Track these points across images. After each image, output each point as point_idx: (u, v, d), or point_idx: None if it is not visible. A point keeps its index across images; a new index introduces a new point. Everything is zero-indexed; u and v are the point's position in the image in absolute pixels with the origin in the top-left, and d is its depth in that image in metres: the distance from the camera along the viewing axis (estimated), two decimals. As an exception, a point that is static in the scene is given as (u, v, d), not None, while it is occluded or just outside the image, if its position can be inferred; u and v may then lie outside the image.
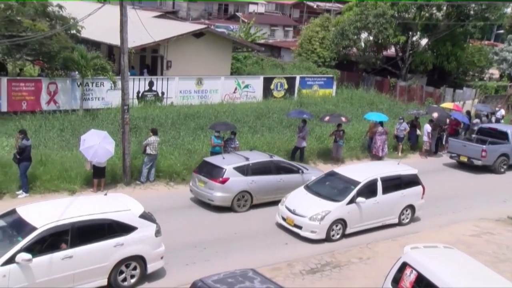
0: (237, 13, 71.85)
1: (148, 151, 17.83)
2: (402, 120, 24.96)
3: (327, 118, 22.86)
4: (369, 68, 38.60)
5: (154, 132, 18.19)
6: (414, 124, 25.65)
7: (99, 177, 16.96)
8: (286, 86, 33.72)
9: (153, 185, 18.09)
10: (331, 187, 15.75)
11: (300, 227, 14.71)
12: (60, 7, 25.18)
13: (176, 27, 34.02)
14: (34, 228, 10.11)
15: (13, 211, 10.91)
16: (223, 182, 16.13)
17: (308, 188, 15.85)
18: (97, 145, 16.24)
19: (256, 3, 79.22)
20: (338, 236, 15.00)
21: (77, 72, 25.45)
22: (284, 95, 33.50)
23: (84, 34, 27.15)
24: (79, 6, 29.67)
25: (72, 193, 16.38)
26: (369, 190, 15.40)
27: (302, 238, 14.75)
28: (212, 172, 16.44)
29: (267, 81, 32.98)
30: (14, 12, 23.24)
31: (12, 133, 20.37)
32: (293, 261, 13.37)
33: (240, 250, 13.96)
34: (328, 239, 14.78)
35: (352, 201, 15.01)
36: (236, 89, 31.46)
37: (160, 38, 28.56)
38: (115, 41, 22.73)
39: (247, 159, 16.93)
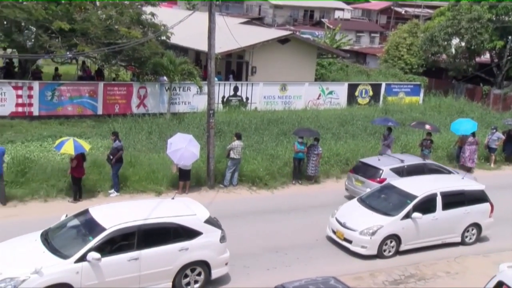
0: (322, 20, 71.53)
1: (232, 155, 18.08)
2: (494, 130, 23.63)
3: (413, 123, 22.97)
4: (460, 75, 36.90)
5: (238, 137, 18.42)
6: (511, 135, 24.21)
7: (185, 180, 17.40)
8: (371, 93, 33.07)
9: (236, 189, 18.32)
10: (386, 201, 14.89)
11: (350, 241, 14.00)
12: (153, 15, 26.26)
13: (261, 33, 34.41)
14: (103, 229, 10.41)
15: (86, 211, 11.26)
16: (381, 182, 16.63)
17: (362, 200, 15.20)
18: (183, 149, 16.65)
19: (342, 9, 78.50)
20: (391, 253, 14.13)
21: (165, 77, 26.37)
22: (368, 102, 32.88)
23: (173, 40, 28.10)
24: (169, 13, 30.82)
25: (158, 194, 16.92)
26: (427, 205, 14.42)
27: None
28: (369, 172, 17.59)
29: (352, 88, 32.51)
30: (113, 21, 24.52)
31: (106, 134, 21.42)
32: (376, 271, 13.02)
33: (321, 257, 13.79)
34: (380, 255, 13.95)
35: (407, 216, 14.08)
36: (320, 95, 31.26)
37: (245, 44, 28.99)
38: (202, 47, 23.33)
39: (402, 161, 17.89)
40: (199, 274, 11.37)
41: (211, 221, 11.65)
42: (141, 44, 23.60)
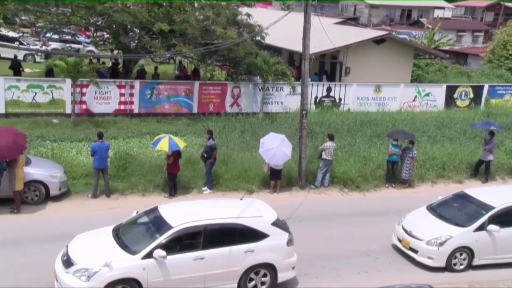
0: (420, 19, 69.05)
1: (324, 156, 17.93)
2: None
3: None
4: None
5: (331, 138, 18.23)
6: None
7: (276, 179, 17.49)
8: (471, 95, 31.40)
9: (327, 190, 18.15)
10: (458, 210, 13.94)
11: (415, 251, 13.26)
12: (248, 15, 26.65)
13: (356, 33, 33.85)
14: (170, 227, 10.50)
15: (155, 209, 11.39)
16: None
17: (431, 209, 14.30)
18: (275, 148, 16.73)
19: (443, 8, 75.21)
20: (462, 267, 13.18)
21: (258, 77, 26.65)
22: (468, 105, 31.23)
23: (267, 40, 28.35)
24: (264, 14, 31.12)
25: (250, 193, 17.09)
26: (506, 218, 13.24)
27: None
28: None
29: (450, 90, 31.04)
30: (210, 22, 25.22)
31: (200, 133, 22.04)
32: (476, 283, 12.34)
33: (416, 264, 13.29)
34: (449, 268, 13.07)
35: (481, 228, 13.08)
36: (416, 97, 30.16)
37: (340, 45, 28.64)
38: (296, 47, 23.35)
39: None
40: (265, 276, 11.21)
41: (278, 224, 11.47)
42: (236, 44, 24.02)
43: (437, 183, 19.21)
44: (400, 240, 13.82)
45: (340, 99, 28.70)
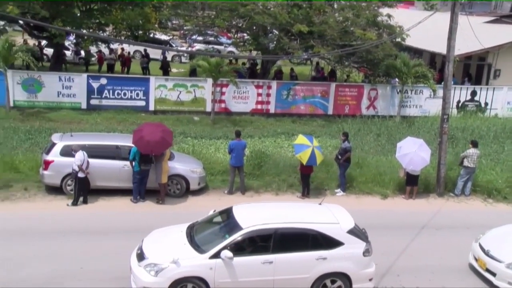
0: None
1: (466, 163, 16.88)
2: None
3: None
4: None
5: (474, 144, 17.11)
6: None
7: (412, 185, 16.83)
8: None
9: (467, 200, 17.06)
10: None
11: (493, 274, 11.56)
12: (389, 16, 25.98)
13: (510, 32, 31.33)
14: (240, 228, 10.25)
15: (230, 209, 11.15)
16: None
17: None
18: (413, 153, 16.11)
19: None
20: None
21: (397, 79, 25.86)
22: None
23: (408, 41, 27.38)
24: (405, 14, 30.09)
25: (384, 198, 16.67)
26: None
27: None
28: None
29: None
30: (349, 23, 25.02)
31: (335, 134, 21.93)
32: None
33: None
34: None
35: None
36: None
37: (490, 45, 26.79)
38: (438, 48, 22.33)
39: None
40: (339, 287, 10.62)
41: (355, 232, 10.79)
42: (375, 46, 23.55)
43: None
44: (476, 259, 12.22)
45: (486, 104, 26.86)
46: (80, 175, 14.17)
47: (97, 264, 11.25)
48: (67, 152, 14.58)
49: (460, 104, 26.72)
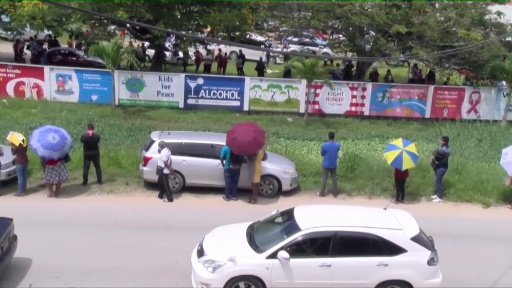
0: None
1: None
2: None
3: None
4: None
5: None
6: None
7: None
8: None
9: None
10: None
11: None
12: (499, 14, 24.51)
13: None
14: (298, 229, 10.10)
15: (291, 210, 11.02)
16: None
17: None
18: (520, 160, 15.13)
19: None
20: None
21: (504, 82, 24.40)
22: None
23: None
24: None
25: (486, 206, 15.78)
26: None
27: None
28: None
29: None
30: (451, 23, 23.97)
31: (432, 138, 21.14)
32: None
33: None
34: None
35: None
36: None
37: None
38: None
39: None
40: None
41: (420, 240, 10.21)
42: (481, 47, 22.34)
43: None
44: None
45: None
46: (166, 171, 14.65)
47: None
48: (165, 149, 15.16)
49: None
